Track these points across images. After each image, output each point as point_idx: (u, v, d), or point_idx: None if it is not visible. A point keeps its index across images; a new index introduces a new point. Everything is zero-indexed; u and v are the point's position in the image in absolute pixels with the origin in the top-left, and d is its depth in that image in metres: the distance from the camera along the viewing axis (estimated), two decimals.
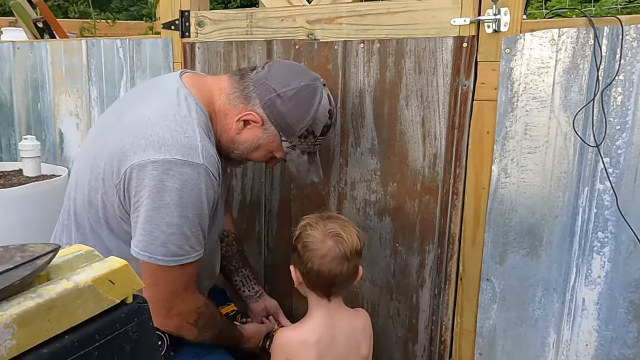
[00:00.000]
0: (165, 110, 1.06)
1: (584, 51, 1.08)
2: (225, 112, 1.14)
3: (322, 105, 1.13)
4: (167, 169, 0.97)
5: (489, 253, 1.24)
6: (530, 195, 1.17)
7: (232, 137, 1.15)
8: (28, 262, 0.42)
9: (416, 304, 1.38)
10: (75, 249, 0.49)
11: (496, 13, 1.14)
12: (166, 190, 0.97)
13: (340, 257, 1.09)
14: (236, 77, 1.16)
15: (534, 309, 1.21)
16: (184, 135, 1.02)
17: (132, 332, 0.47)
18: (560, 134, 1.12)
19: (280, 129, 1.13)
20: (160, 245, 0.99)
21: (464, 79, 1.21)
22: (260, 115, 1.12)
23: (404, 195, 1.34)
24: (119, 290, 0.47)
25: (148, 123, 1.03)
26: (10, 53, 2.07)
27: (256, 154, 1.18)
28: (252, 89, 1.12)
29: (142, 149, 1.00)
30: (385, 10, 1.29)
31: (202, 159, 1.01)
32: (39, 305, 0.41)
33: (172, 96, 1.09)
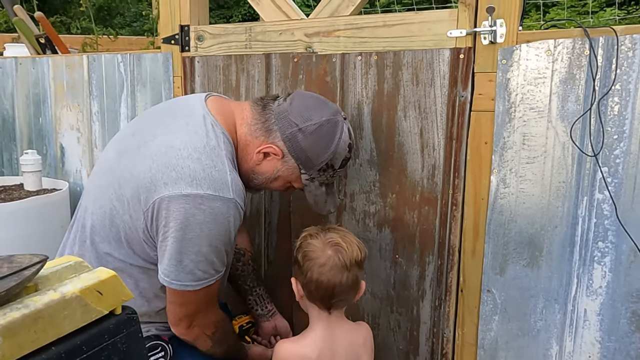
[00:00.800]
0: (194, 141, 1.06)
1: (580, 61, 1.08)
2: (247, 143, 1.15)
3: (343, 139, 1.14)
4: (199, 203, 1.00)
5: (489, 264, 1.23)
6: (529, 205, 1.17)
7: (252, 168, 1.16)
8: (15, 272, 0.42)
9: (417, 316, 1.37)
10: (64, 260, 0.49)
11: (492, 25, 1.15)
12: (197, 223, 1.00)
13: (340, 267, 1.08)
14: (258, 107, 1.16)
15: (536, 320, 1.19)
16: (214, 169, 1.04)
17: (121, 343, 0.47)
18: (558, 144, 1.12)
19: (300, 162, 1.13)
20: (188, 273, 1.04)
21: (461, 90, 1.22)
22: (280, 149, 1.12)
23: (403, 207, 1.34)
24: (107, 301, 0.47)
25: (178, 154, 1.04)
26: (12, 69, 2.09)
27: (275, 184, 1.20)
28: (273, 122, 1.12)
29: (173, 181, 1.01)
30: (382, 23, 1.30)
31: (232, 193, 1.04)
32: (24, 316, 0.40)
33: (199, 125, 1.10)
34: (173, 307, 1.10)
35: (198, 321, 1.13)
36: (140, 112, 1.78)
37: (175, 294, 1.07)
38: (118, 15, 6.95)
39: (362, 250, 1.13)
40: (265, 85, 1.49)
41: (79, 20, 3.91)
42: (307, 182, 1.17)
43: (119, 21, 6.82)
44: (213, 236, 1.02)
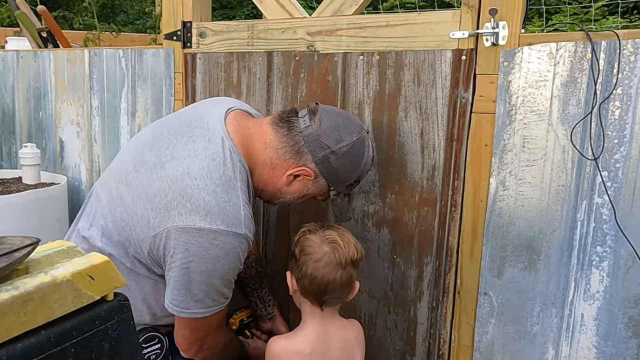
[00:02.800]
0: (211, 170, 1.05)
1: (582, 65, 1.08)
2: (273, 166, 1.13)
3: (369, 155, 1.16)
4: (212, 238, 1.00)
5: (486, 266, 1.22)
6: (528, 208, 1.16)
7: (280, 188, 1.16)
8: (5, 254, 0.41)
9: (414, 316, 1.36)
10: (57, 245, 0.49)
11: (494, 27, 1.15)
12: (210, 257, 1.01)
13: (335, 264, 1.08)
14: (282, 128, 1.12)
15: (532, 323, 1.19)
16: (229, 204, 1.03)
17: (112, 329, 0.46)
18: (559, 147, 1.12)
19: (331, 181, 1.14)
20: (198, 302, 1.05)
21: (463, 91, 1.22)
22: (313, 170, 1.12)
23: (402, 207, 1.33)
24: (99, 287, 0.46)
25: (194, 184, 1.03)
26: (14, 62, 2.09)
27: (298, 200, 1.20)
28: (303, 144, 1.10)
29: (188, 212, 1.00)
30: (385, 23, 1.30)
31: (244, 229, 1.04)
32: (14, 297, 0.40)
33: (218, 151, 1.07)
34: (183, 333, 1.11)
35: (208, 344, 1.14)
36: (140, 108, 1.78)
37: (184, 321, 1.08)
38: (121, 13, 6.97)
39: (359, 250, 1.12)
40: (266, 83, 1.49)
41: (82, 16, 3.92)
42: (335, 197, 1.18)
43: (122, 19, 6.83)
44: (224, 270, 1.04)
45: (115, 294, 0.49)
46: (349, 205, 1.24)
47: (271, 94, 1.49)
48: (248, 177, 1.12)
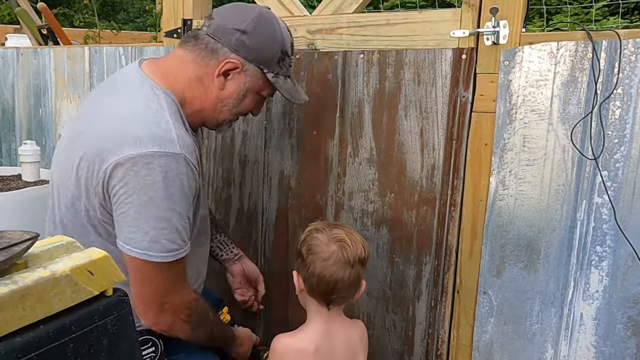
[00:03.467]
0: (135, 106, 1.05)
1: (583, 64, 1.08)
2: (199, 78, 1.10)
3: (282, 24, 1.14)
4: (146, 162, 0.96)
5: (486, 266, 1.22)
6: (528, 208, 1.16)
7: (217, 96, 1.12)
8: (4, 248, 0.41)
9: (412, 316, 1.36)
10: (56, 240, 0.49)
11: (495, 25, 1.14)
12: (149, 184, 0.96)
13: (343, 262, 1.08)
14: (190, 43, 1.12)
15: (532, 323, 1.19)
16: (158, 128, 1.01)
17: (111, 325, 0.46)
18: (559, 147, 1.12)
19: (259, 62, 1.10)
20: (152, 242, 0.98)
21: (463, 90, 1.22)
22: (236, 59, 1.09)
23: (402, 206, 1.33)
24: (98, 282, 0.46)
25: (121, 122, 1.02)
26: (14, 59, 2.09)
27: (245, 102, 1.15)
28: (213, 41, 1.09)
29: (118, 147, 0.98)
30: (385, 22, 1.30)
31: (179, 149, 1.00)
32: (12, 292, 0.40)
33: (138, 90, 1.07)
34: (138, 289, 1.02)
35: (169, 305, 1.04)
36: None
37: (137, 268, 1.00)
38: (122, 11, 6.96)
39: (366, 248, 1.13)
40: None
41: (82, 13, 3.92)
42: (275, 79, 1.13)
43: (123, 17, 6.83)
44: (169, 197, 0.98)
45: (114, 290, 0.49)
46: (294, 86, 1.19)
47: None
48: (179, 108, 1.09)
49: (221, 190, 1.64)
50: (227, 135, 1.59)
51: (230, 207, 1.62)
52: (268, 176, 1.54)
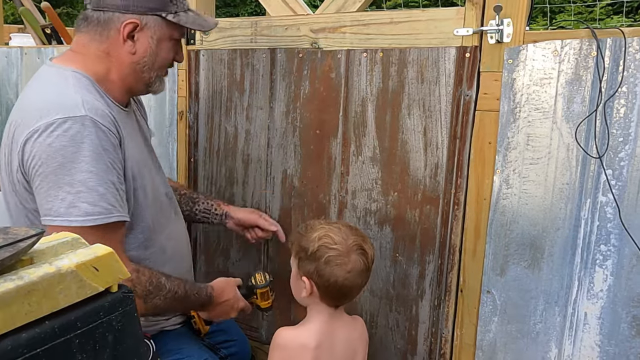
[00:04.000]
0: (39, 87, 1.05)
1: (587, 63, 1.07)
2: (107, 52, 1.09)
3: None
4: (50, 131, 0.94)
5: (489, 265, 1.22)
6: (532, 206, 1.16)
7: (131, 61, 1.10)
8: (10, 244, 0.41)
9: (416, 315, 1.36)
10: (61, 236, 0.49)
11: (499, 24, 1.14)
12: (56, 150, 0.94)
13: (364, 271, 1.09)
14: (82, 26, 1.11)
15: (535, 322, 1.18)
16: (59, 96, 1.00)
17: (116, 321, 0.46)
18: (563, 145, 1.11)
19: (154, 9, 1.09)
20: (70, 207, 0.94)
21: (467, 89, 1.21)
22: (132, 19, 1.07)
23: (405, 205, 1.33)
24: (103, 278, 0.46)
25: (26, 103, 1.03)
26: (18, 58, 2.09)
27: (162, 54, 1.13)
28: (101, 13, 1.08)
29: (24, 124, 0.98)
30: (388, 20, 1.30)
31: (84, 111, 0.97)
32: (18, 287, 0.40)
33: (45, 76, 1.08)
34: None
35: None
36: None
37: None
38: None
39: (373, 247, 1.14)
40: (269, 79, 1.49)
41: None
42: (177, 18, 1.11)
43: None
44: (79, 160, 0.94)
45: (119, 286, 0.49)
46: (199, 16, 1.17)
47: (274, 91, 1.49)
48: (93, 83, 1.07)
49: (224, 189, 1.64)
50: (230, 134, 1.59)
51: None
52: (271, 175, 1.54)
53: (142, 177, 1.13)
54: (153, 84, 1.16)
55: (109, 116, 1.02)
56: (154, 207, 1.18)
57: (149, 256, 1.16)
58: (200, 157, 1.67)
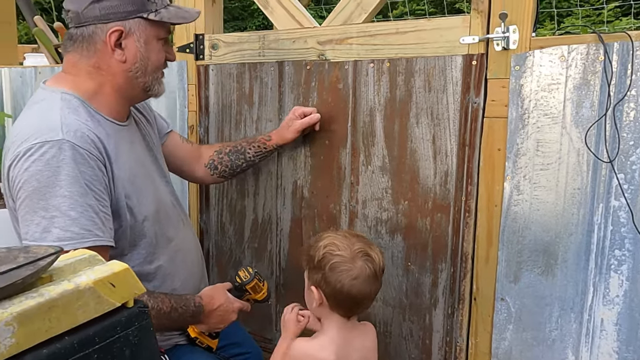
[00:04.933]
0: (27, 112, 1.07)
1: (595, 67, 1.07)
2: (97, 66, 1.08)
3: None
4: (28, 156, 0.96)
5: (503, 272, 1.21)
6: (543, 212, 1.15)
7: (123, 69, 1.09)
8: (30, 262, 0.43)
9: (429, 324, 1.35)
10: (78, 253, 0.50)
11: (505, 31, 1.15)
12: (31, 175, 0.95)
13: (371, 277, 1.08)
14: (68, 46, 1.11)
15: (551, 329, 1.17)
16: (41, 121, 1.00)
17: (133, 336, 0.47)
18: (573, 150, 1.11)
19: (134, 12, 1.07)
20: (44, 232, 0.94)
21: (474, 96, 1.22)
22: (114, 27, 1.06)
23: (416, 214, 1.33)
24: (119, 294, 0.47)
25: (15, 128, 1.04)
26: (32, 78, 2.14)
27: (152, 55, 1.12)
28: (84, 28, 1.07)
29: (10, 150, 1.00)
30: (394, 30, 1.31)
31: (61, 135, 0.97)
32: (39, 304, 0.41)
33: (33, 100, 1.10)
34: None
35: None
36: None
37: None
38: None
39: (383, 255, 1.13)
40: (278, 92, 1.51)
41: None
42: (160, 16, 1.10)
43: None
44: (54, 184, 0.94)
45: (135, 301, 0.50)
46: (179, 8, 1.15)
47: (283, 103, 1.50)
48: (83, 102, 1.07)
49: (235, 201, 1.65)
50: None
51: (244, 218, 1.64)
52: (281, 186, 1.55)
53: (139, 192, 1.13)
54: (151, 87, 1.15)
55: (89, 137, 1.02)
56: (157, 219, 1.17)
57: (154, 270, 1.16)
58: None
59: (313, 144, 1.47)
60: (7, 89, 2.18)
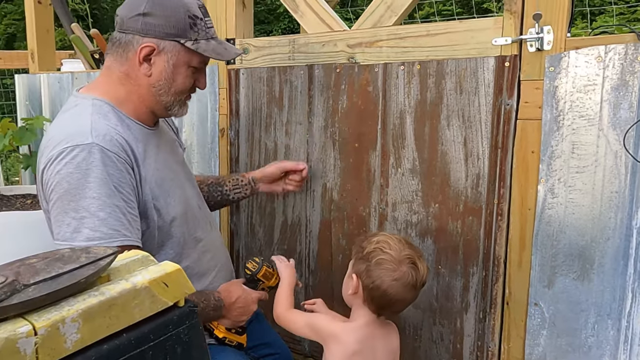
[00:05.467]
0: (59, 118, 1.12)
1: (633, 67, 1.05)
2: (126, 74, 1.13)
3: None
4: (60, 159, 1.00)
5: (536, 276, 1.20)
6: (579, 216, 1.13)
7: (148, 83, 1.13)
8: (92, 262, 0.45)
9: (460, 328, 1.34)
10: (132, 254, 0.52)
11: (539, 32, 1.13)
12: (62, 177, 0.99)
13: (411, 285, 1.09)
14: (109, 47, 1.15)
15: (587, 336, 1.15)
16: (72, 126, 1.05)
17: (184, 334, 0.49)
18: (610, 153, 1.09)
19: (172, 35, 1.10)
20: (74, 232, 0.98)
21: (507, 98, 1.20)
22: (149, 42, 1.10)
23: (446, 216, 1.32)
24: (172, 293, 0.49)
25: (48, 135, 1.09)
26: (69, 83, 2.22)
27: (179, 79, 1.14)
28: (124, 35, 1.11)
29: (44, 155, 1.04)
30: (425, 33, 1.31)
31: (91, 139, 1.02)
32: (101, 302, 0.43)
33: (65, 108, 1.15)
34: None
35: None
36: (186, 123, 1.85)
37: None
38: None
39: (428, 271, 1.15)
40: (307, 95, 1.52)
41: None
42: (196, 45, 1.12)
43: None
44: (83, 186, 0.99)
45: (185, 301, 0.52)
46: (221, 44, 1.17)
47: (312, 106, 1.52)
48: (113, 107, 1.11)
49: (265, 203, 1.67)
50: (270, 149, 1.63)
51: (274, 220, 1.66)
52: (311, 189, 1.56)
53: (166, 194, 1.16)
54: (172, 107, 1.18)
55: (118, 141, 1.06)
56: (185, 220, 1.20)
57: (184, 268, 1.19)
58: (242, 172, 1.71)
59: (343, 146, 1.48)
60: (46, 94, 2.26)
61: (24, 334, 0.38)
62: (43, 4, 2.22)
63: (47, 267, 0.43)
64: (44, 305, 0.41)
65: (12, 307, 0.40)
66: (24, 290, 0.41)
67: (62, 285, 0.42)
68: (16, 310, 0.40)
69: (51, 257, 0.46)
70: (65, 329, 0.40)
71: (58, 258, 0.45)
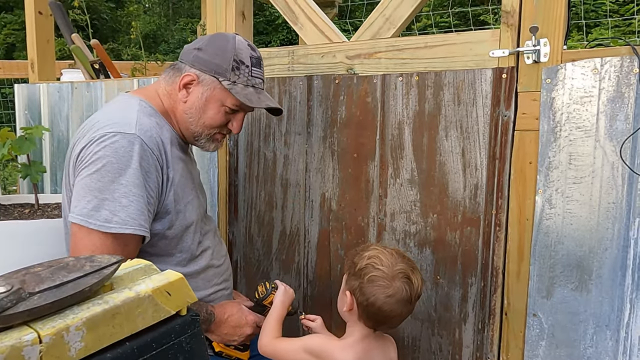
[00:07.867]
0: (105, 108, 1.22)
1: (629, 79, 1.06)
2: (169, 93, 1.23)
3: (237, 39, 1.22)
4: (101, 141, 1.05)
5: (535, 287, 1.20)
6: (577, 227, 1.14)
7: (182, 108, 1.22)
8: (96, 271, 0.45)
9: (459, 339, 1.34)
10: (135, 263, 0.52)
11: (535, 44, 1.15)
12: (99, 158, 1.04)
13: (405, 300, 1.08)
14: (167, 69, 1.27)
15: (586, 346, 1.15)
16: (118, 116, 1.12)
17: (186, 343, 0.49)
18: (607, 164, 1.10)
19: (214, 72, 1.18)
20: (93, 210, 1.02)
21: (504, 109, 1.22)
22: (192, 73, 1.20)
23: (445, 227, 1.33)
24: (174, 302, 0.50)
25: (91, 120, 1.15)
26: (69, 93, 2.22)
27: (209, 113, 1.20)
28: (179, 63, 1.24)
29: (86, 137, 1.09)
30: (423, 45, 1.32)
31: (135, 130, 1.08)
32: (105, 311, 0.43)
33: (112, 100, 1.25)
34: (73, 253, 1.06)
35: None
36: None
37: (74, 235, 1.03)
38: (163, 43, 7.31)
39: (423, 282, 1.14)
40: (306, 106, 1.53)
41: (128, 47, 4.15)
42: (231, 86, 1.18)
43: (164, 48, 7.15)
44: (115, 171, 1.03)
45: (187, 309, 0.52)
46: (257, 94, 1.22)
47: (311, 117, 1.53)
48: (154, 112, 1.19)
49: (264, 213, 1.67)
50: (269, 159, 1.63)
51: (272, 230, 1.66)
52: (310, 199, 1.56)
53: (186, 200, 1.21)
54: (199, 138, 1.24)
55: (155, 140, 1.12)
56: (198, 228, 1.25)
57: (192, 274, 1.22)
58: (240, 182, 1.72)
59: (341, 157, 1.48)
60: (45, 104, 2.27)
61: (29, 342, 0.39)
62: (44, 15, 2.23)
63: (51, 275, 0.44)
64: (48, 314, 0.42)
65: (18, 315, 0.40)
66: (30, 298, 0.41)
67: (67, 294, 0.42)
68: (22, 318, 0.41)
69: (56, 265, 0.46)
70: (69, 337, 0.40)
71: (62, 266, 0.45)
